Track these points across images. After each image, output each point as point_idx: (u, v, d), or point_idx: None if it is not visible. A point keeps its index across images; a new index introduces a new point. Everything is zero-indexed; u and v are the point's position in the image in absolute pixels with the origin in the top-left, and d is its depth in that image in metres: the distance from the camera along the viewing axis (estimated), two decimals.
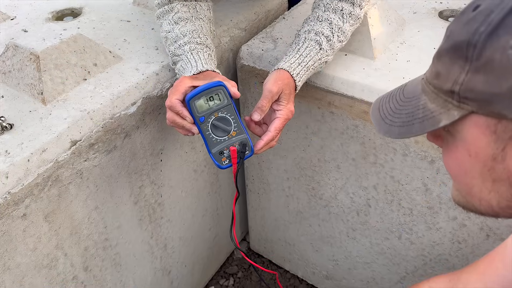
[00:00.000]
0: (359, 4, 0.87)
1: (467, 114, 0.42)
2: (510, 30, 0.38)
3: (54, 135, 0.76)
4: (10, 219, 0.70)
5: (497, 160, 0.42)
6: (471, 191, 0.48)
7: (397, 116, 0.50)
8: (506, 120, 0.39)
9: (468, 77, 0.41)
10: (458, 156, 0.47)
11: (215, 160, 0.78)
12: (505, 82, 0.38)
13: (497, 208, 0.46)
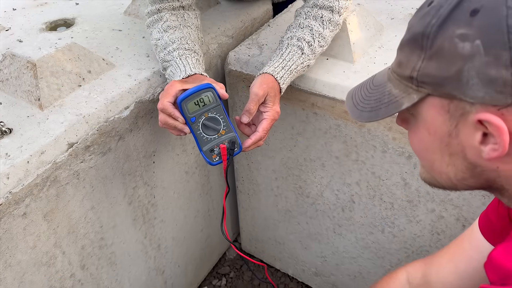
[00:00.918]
0: (338, 11, 0.93)
1: (425, 96, 0.48)
2: (456, 22, 0.43)
3: (51, 138, 0.80)
4: (11, 218, 0.74)
5: (452, 136, 0.47)
6: (433, 166, 0.53)
7: (367, 103, 0.56)
8: (456, 100, 0.45)
9: (424, 64, 0.46)
10: (420, 135, 0.53)
11: (206, 157, 0.83)
12: (452, 67, 0.43)
13: (455, 180, 0.51)
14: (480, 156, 0.46)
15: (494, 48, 0.40)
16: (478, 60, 0.41)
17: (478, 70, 0.41)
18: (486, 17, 0.41)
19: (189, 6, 1.00)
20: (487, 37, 0.41)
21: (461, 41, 0.42)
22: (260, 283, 1.54)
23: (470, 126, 0.45)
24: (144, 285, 1.19)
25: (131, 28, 1.18)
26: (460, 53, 0.42)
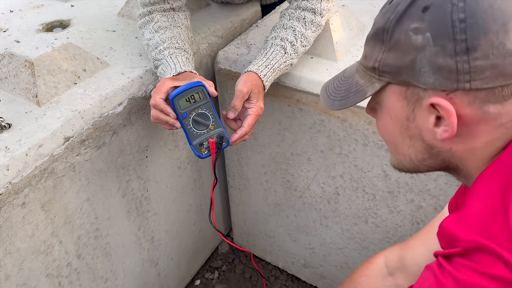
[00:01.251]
0: (320, 13, 0.99)
1: (386, 85, 0.54)
2: (410, 17, 0.49)
3: (49, 132, 0.85)
4: (11, 207, 0.79)
5: (410, 120, 0.53)
6: (397, 149, 0.59)
7: (338, 93, 0.61)
8: (412, 86, 0.50)
9: (384, 55, 0.52)
10: (384, 121, 0.58)
11: (195, 151, 0.88)
12: (407, 57, 0.49)
13: (416, 161, 0.56)
14: (435, 138, 0.51)
15: (441, 39, 0.46)
16: (428, 50, 0.47)
17: (429, 59, 0.47)
18: (435, 13, 0.47)
19: (179, 7, 1.05)
20: (435, 30, 0.46)
21: (414, 34, 0.48)
22: (252, 276, 1.58)
23: (424, 110, 0.50)
24: (138, 276, 1.23)
25: (124, 29, 1.23)
26: (413, 44, 0.48)
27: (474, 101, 0.46)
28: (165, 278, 1.37)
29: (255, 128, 1.21)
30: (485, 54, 0.44)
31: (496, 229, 0.42)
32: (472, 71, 0.45)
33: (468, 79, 0.45)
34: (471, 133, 0.48)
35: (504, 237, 0.41)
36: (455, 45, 0.45)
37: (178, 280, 1.46)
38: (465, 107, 0.47)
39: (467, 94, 0.46)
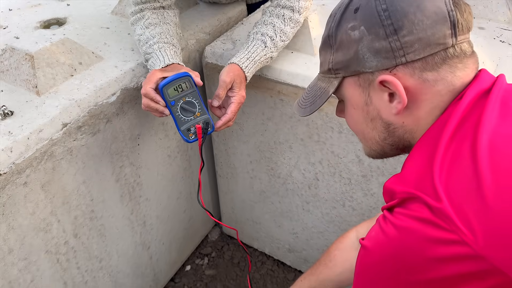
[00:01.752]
0: (298, 11, 1.07)
1: (342, 80, 0.63)
2: (346, 19, 0.60)
3: (48, 119, 0.93)
4: (14, 186, 0.87)
5: (368, 104, 0.62)
6: (364, 135, 0.68)
7: (306, 101, 0.72)
8: (361, 74, 0.60)
9: (334, 56, 0.63)
10: (349, 113, 0.67)
11: (183, 135, 0.96)
12: (351, 50, 0.59)
13: (380, 141, 0.65)
14: (391, 114, 0.60)
15: (373, 28, 0.55)
16: (365, 40, 0.56)
17: (368, 47, 0.56)
18: (364, 11, 0.57)
19: (168, 6, 1.13)
20: (367, 23, 0.56)
21: (352, 31, 0.58)
22: (240, 262, 1.67)
23: (377, 91, 0.59)
24: (131, 258, 1.31)
25: (117, 26, 1.31)
26: (353, 39, 0.58)
27: (413, 72, 0.56)
28: (157, 262, 1.45)
29: (240, 118, 1.30)
30: (410, 31, 0.54)
31: (424, 183, 0.51)
32: (403, 46, 0.54)
33: (403, 54, 0.55)
34: (416, 103, 0.57)
35: (430, 188, 0.49)
36: (385, 29, 0.54)
37: (169, 265, 1.54)
38: (408, 79, 0.56)
39: (406, 67, 0.56)
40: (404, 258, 0.50)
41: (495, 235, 0.44)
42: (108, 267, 1.22)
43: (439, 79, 0.55)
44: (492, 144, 0.48)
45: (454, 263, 0.46)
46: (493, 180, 0.46)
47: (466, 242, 0.45)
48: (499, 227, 0.44)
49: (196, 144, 1.41)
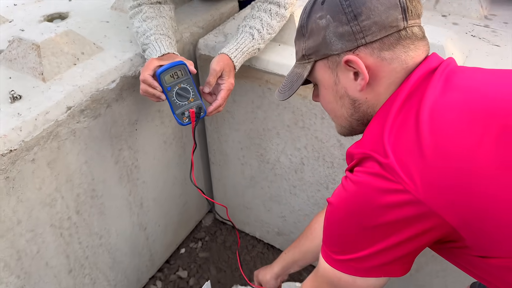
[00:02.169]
0: (283, 6, 1.17)
1: (314, 64, 0.72)
2: (315, 11, 0.69)
3: (54, 102, 1.02)
4: (23, 162, 0.96)
5: (336, 83, 0.71)
6: (335, 113, 0.77)
7: (285, 87, 0.82)
8: (330, 56, 0.69)
9: (306, 43, 0.72)
10: (322, 94, 0.76)
11: (178, 119, 1.05)
12: (320, 36, 0.68)
13: (349, 117, 0.74)
14: (356, 90, 0.69)
15: (337, 15, 0.64)
16: (331, 26, 0.65)
17: (333, 32, 0.65)
18: (329, 2, 0.67)
19: (164, 1, 1.22)
20: (332, 12, 0.65)
21: (320, 20, 0.67)
22: (231, 245, 1.76)
23: (343, 70, 0.69)
24: (129, 238, 1.40)
25: (116, 20, 1.40)
26: (321, 26, 0.67)
27: (373, 51, 0.65)
28: (153, 243, 1.54)
29: (232, 107, 1.39)
30: (367, 16, 0.63)
31: (376, 145, 0.60)
32: (363, 29, 0.64)
33: (362, 36, 0.64)
34: (376, 79, 0.67)
35: (380, 149, 0.59)
36: (346, 16, 0.64)
37: (164, 246, 1.62)
38: (368, 58, 0.65)
39: (366, 48, 0.65)
40: (361, 207, 0.59)
41: (431, 183, 0.54)
42: (107, 244, 1.31)
43: (394, 58, 0.65)
44: (432, 112, 0.57)
45: (400, 209, 0.55)
46: (431, 140, 0.55)
47: (408, 190, 0.54)
48: (434, 177, 0.54)
49: (189, 131, 1.50)
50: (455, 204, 0.53)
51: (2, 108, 1.00)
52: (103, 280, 1.35)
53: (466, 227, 0.54)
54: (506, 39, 1.26)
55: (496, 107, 0.55)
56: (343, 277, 0.65)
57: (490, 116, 0.54)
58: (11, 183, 0.95)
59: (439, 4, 1.41)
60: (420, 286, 1.38)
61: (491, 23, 1.35)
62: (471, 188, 0.52)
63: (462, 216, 0.53)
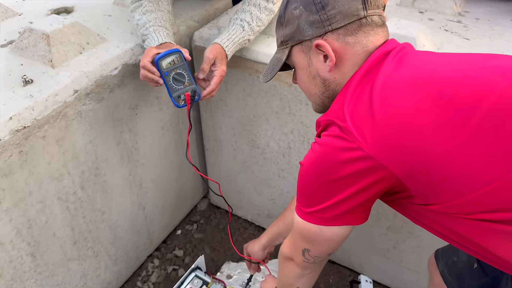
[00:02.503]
0: (272, 1, 1.28)
1: (290, 49, 0.83)
2: (291, 3, 0.80)
3: (62, 86, 1.13)
4: (35, 138, 1.07)
5: (309, 65, 0.82)
6: (310, 92, 0.88)
7: (267, 70, 0.93)
8: (303, 42, 0.80)
9: (283, 31, 0.83)
10: (299, 76, 0.88)
11: (174, 101, 1.16)
12: (294, 24, 0.79)
13: (321, 95, 0.85)
14: (326, 71, 0.80)
15: (308, 6, 0.76)
16: (304, 15, 0.77)
17: (305, 20, 0.77)
18: None
19: None
20: (304, 3, 0.77)
21: (294, 10, 0.78)
22: (224, 227, 1.87)
23: (315, 54, 0.80)
24: (129, 216, 1.51)
25: (118, 14, 1.51)
26: (295, 16, 0.78)
27: (338, 37, 0.76)
28: (151, 223, 1.65)
29: (225, 95, 1.50)
30: (333, 7, 0.74)
31: (338, 113, 0.71)
32: (329, 18, 0.75)
33: (329, 23, 0.75)
34: (342, 61, 0.78)
35: (341, 116, 0.70)
36: (316, 7, 0.75)
37: (162, 227, 1.73)
38: (335, 42, 0.76)
39: (333, 33, 0.76)
40: (324, 164, 0.70)
41: (380, 142, 0.65)
42: (109, 220, 1.42)
43: (356, 42, 0.76)
44: (383, 85, 0.68)
45: (355, 163, 0.66)
46: (381, 108, 0.66)
47: (361, 148, 0.65)
48: (382, 137, 0.65)
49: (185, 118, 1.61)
50: (400, 158, 0.64)
51: (16, 90, 1.11)
52: (104, 254, 1.46)
53: (409, 177, 0.65)
54: (476, 33, 1.37)
55: (435, 80, 0.66)
56: (312, 228, 0.76)
57: (429, 87, 0.65)
58: (24, 157, 1.06)
59: (417, 2, 1.53)
60: (398, 261, 1.50)
61: (463, 19, 1.46)
62: (412, 144, 0.63)
63: (406, 168, 0.64)
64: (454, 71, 0.67)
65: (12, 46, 1.28)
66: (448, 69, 0.68)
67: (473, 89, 0.63)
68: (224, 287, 1.38)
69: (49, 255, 1.24)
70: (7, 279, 1.14)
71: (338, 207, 0.71)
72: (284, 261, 0.93)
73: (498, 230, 0.63)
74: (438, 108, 0.63)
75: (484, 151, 0.60)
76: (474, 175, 0.61)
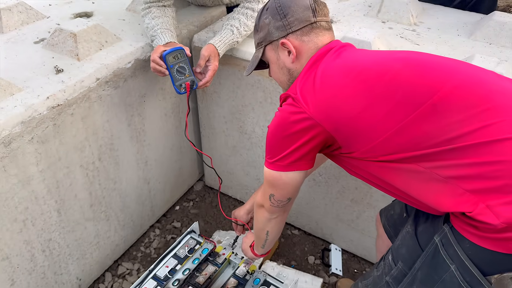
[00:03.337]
0: (257, 11, 1.57)
1: (264, 48, 1.12)
2: (263, 14, 1.09)
3: (86, 74, 1.41)
4: (65, 114, 1.35)
5: (278, 59, 1.11)
6: (280, 80, 1.16)
7: (249, 66, 1.20)
8: (273, 41, 1.08)
9: (258, 35, 1.12)
10: (271, 68, 1.16)
11: (177, 89, 1.45)
12: (265, 29, 1.08)
13: (287, 82, 1.12)
14: (290, 63, 1.08)
15: (274, 16, 1.05)
16: (272, 23, 1.06)
17: (273, 26, 1.06)
18: (270, 8, 1.07)
19: (169, 5, 1.63)
20: (272, 14, 1.06)
21: (265, 19, 1.07)
22: (217, 205, 2.15)
23: (281, 50, 1.08)
24: (136, 188, 1.79)
25: (131, 19, 1.80)
26: (266, 23, 1.07)
27: (297, 37, 1.05)
28: (154, 197, 1.93)
29: (218, 87, 1.79)
30: (291, 15, 1.03)
31: (294, 89, 0.99)
32: (289, 23, 1.04)
33: (290, 27, 1.04)
34: (300, 55, 1.06)
35: (295, 91, 0.98)
36: (279, 15, 1.04)
37: (163, 202, 2.01)
38: (294, 41, 1.05)
39: (293, 34, 1.05)
40: (281, 124, 0.99)
41: (317, 107, 0.93)
42: (119, 189, 1.70)
43: (310, 40, 1.05)
44: (323, 71, 0.97)
45: (301, 123, 0.95)
46: (319, 85, 0.94)
47: (305, 111, 0.94)
48: (319, 104, 0.93)
49: (184, 106, 1.90)
50: (329, 118, 0.92)
51: (50, 77, 1.39)
52: (114, 219, 1.74)
53: (336, 131, 0.93)
54: (425, 40, 1.67)
55: (355, 66, 0.94)
56: (274, 174, 1.05)
57: (351, 71, 0.93)
58: (56, 129, 1.34)
59: (380, 13, 1.82)
60: (361, 230, 1.78)
61: (418, 28, 1.76)
62: (336, 108, 0.91)
63: (333, 124, 0.92)
64: (369, 60, 0.96)
65: (44, 42, 1.58)
66: (367, 59, 0.97)
67: (379, 70, 0.92)
68: (215, 246, 1.66)
69: (71, 213, 1.52)
70: (38, 228, 1.42)
71: (291, 156, 0.99)
72: (257, 209, 1.21)
73: (394, 168, 0.91)
74: (354, 84, 0.91)
75: (383, 112, 0.88)
76: (376, 128, 0.89)
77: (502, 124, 0.81)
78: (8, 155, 1.23)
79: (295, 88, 0.99)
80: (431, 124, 0.85)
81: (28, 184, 1.32)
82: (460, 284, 0.85)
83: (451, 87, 0.86)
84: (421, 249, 0.95)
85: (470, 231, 0.83)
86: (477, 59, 1.42)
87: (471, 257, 0.84)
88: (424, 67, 0.91)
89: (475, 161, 0.81)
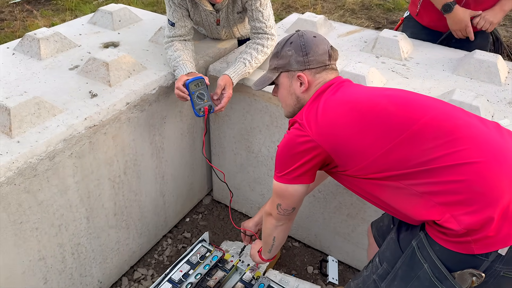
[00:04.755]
0: (266, 46, 1.80)
1: (280, 73, 1.34)
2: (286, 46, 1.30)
3: (118, 99, 1.63)
4: (99, 133, 1.56)
5: (290, 86, 1.32)
6: (286, 102, 1.37)
7: (259, 83, 1.42)
8: (290, 71, 1.30)
9: (278, 61, 1.33)
10: (281, 92, 1.38)
11: (196, 112, 1.67)
12: (286, 60, 1.30)
13: (294, 106, 1.33)
14: (300, 92, 1.30)
15: (297, 51, 1.27)
16: (294, 56, 1.28)
17: (294, 59, 1.28)
18: (294, 43, 1.29)
19: (189, 39, 1.86)
20: (295, 49, 1.28)
21: (288, 51, 1.29)
22: (224, 218, 2.34)
23: (295, 80, 1.30)
24: (153, 199, 1.99)
25: (153, 49, 2.03)
26: (288, 54, 1.29)
27: (311, 73, 1.27)
28: (168, 208, 2.12)
29: (229, 111, 2.01)
30: (312, 55, 1.25)
31: (300, 116, 1.20)
32: (309, 61, 1.26)
33: (308, 64, 1.26)
34: (310, 87, 1.28)
35: (301, 117, 1.19)
36: (302, 52, 1.26)
37: (175, 213, 2.20)
38: (309, 76, 1.27)
39: (309, 70, 1.27)
40: (289, 144, 1.19)
41: (318, 132, 1.13)
42: (139, 200, 1.90)
43: (320, 77, 1.27)
44: (324, 103, 1.18)
45: (305, 144, 1.15)
46: (321, 114, 1.15)
47: (309, 135, 1.14)
48: (320, 129, 1.14)
49: (198, 128, 2.11)
50: (328, 141, 1.12)
51: (86, 100, 1.61)
52: (133, 228, 1.93)
53: (334, 152, 1.13)
54: (414, 74, 1.89)
55: (353, 99, 1.16)
56: (282, 186, 1.25)
57: (347, 103, 1.15)
58: (92, 146, 1.55)
59: (374, 49, 2.06)
60: (355, 243, 1.96)
61: (408, 63, 1.98)
62: (334, 133, 1.12)
63: (331, 146, 1.12)
64: (362, 95, 1.18)
65: (79, 69, 1.80)
66: (360, 94, 1.19)
67: (370, 103, 1.13)
68: (223, 254, 1.84)
69: (97, 221, 1.71)
70: (70, 233, 1.61)
71: (296, 171, 1.20)
72: (266, 217, 1.41)
73: (381, 184, 1.11)
74: (349, 114, 1.13)
75: (373, 137, 1.09)
76: (366, 151, 1.10)
77: (466, 151, 1.02)
78: (52, 167, 1.43)
79: (301, 115, 1.21)
80: (410, 149, 1.06)
81: (65, 194, 1.52)
82: (431, 279, 1.04)
83: (427, 119, 1.07)
84: (401, 251, 1.14)
85: (440, 236, 1.03)
86: (457, 94, 1.64)
87: (440, 257, 1.03)
88: (406, 103, 1.13)
89: (444, 179, 1.02)
